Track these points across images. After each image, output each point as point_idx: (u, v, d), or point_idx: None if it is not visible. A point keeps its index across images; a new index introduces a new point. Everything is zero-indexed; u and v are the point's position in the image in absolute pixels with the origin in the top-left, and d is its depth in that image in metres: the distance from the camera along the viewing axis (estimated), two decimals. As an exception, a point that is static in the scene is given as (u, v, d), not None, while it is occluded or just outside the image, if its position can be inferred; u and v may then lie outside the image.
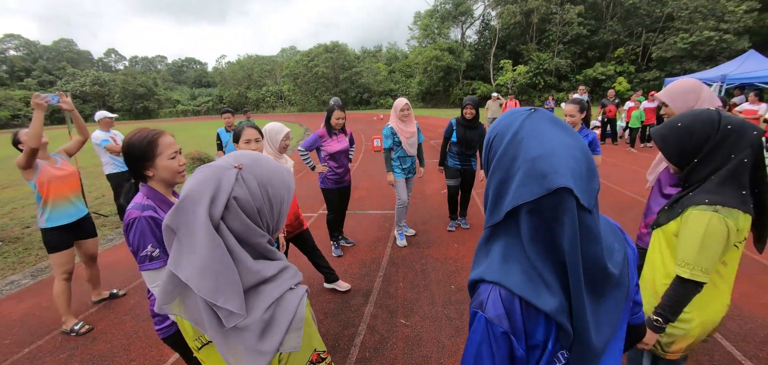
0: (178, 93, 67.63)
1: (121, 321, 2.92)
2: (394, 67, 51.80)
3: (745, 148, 1.16)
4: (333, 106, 3.44)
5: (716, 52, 27.86)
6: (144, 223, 1.30)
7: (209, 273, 0.67)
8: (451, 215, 4.46)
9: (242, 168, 0.74)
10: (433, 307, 2.88)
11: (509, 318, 0.64)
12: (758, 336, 2.43)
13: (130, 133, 1.42)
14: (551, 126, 0.67)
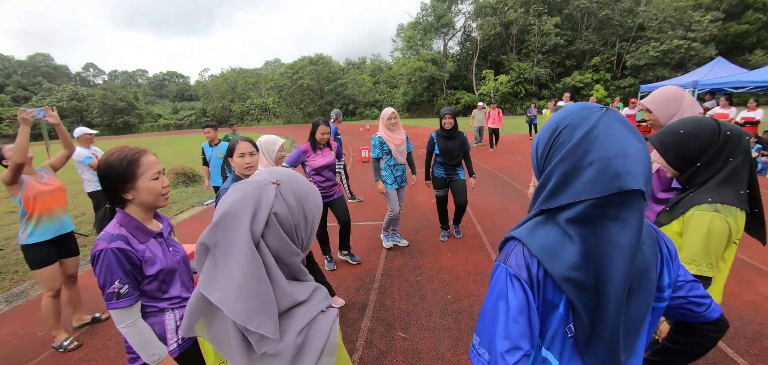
0: (160, 107, 66.23)
1: (104, 347, 2.79)
2: (379, 78, 52.21)
3: (741, 153, 1.25)
4: (318, 121, 3.41)
5: (686, 60, 29.41)
6: (111, 256, 1.18)
7: (245, 295, 0.63)
8: (442, 225, 4.48)
9: (280, 183, 0.72)
10: (430, 318, 2.86)
11: (528, 271, 0.72)
12: (748, 333, 2.51)
13: (107, 153, 1.29)
14: (624, 127, 0.70)
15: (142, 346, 1.24)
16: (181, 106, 67.38)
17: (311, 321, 0.70)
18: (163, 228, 1.42)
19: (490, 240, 4.37)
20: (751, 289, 3.06)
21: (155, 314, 1.33)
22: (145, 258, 1.28)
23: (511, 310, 0.71)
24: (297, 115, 50.27)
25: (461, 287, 3.31)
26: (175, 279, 1.39)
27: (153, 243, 1.33)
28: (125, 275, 1.21)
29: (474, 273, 3.55)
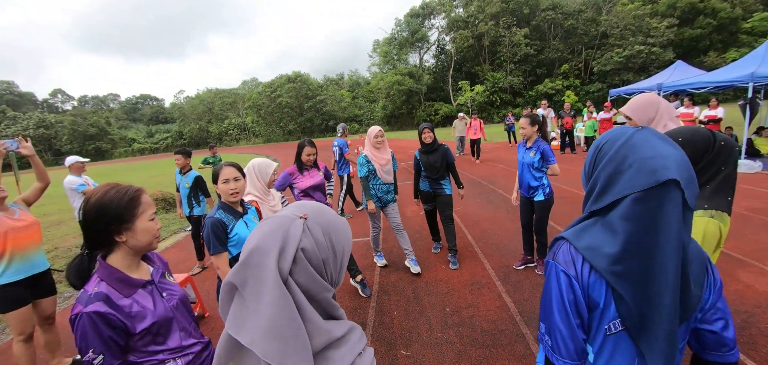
0: (134, 131, 63.89)
1: (89, 395, 2.60)
2: (358, 93, 52.60)
3: (732, 161, 1.36)
4: (303, 142, 3.36)
5: (647, 64, 31.38)
6: (85, 322, 1.06)
7: (277, 335, 0.60)
8: (434, 237, 4.48)
9: (307, 217, 0.69)
10: (431, 333, 2.84)
11: (574, 267, 0.84)
12: (736, 323, 2.54)
13: (100, 190, 1.17)
14: (660, 139, 0.78)
15: None
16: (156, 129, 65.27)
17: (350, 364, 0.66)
18: (153, 273, 1.30)
19: (482, 249, 4.41)
20: (734, 279, 3.21)
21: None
22: (133, 314, 1.14)
23: (563, 301, 0.84)
24: (277, 133, 49.76)
25: (459, 298, 3.31)
26: (172, 329, 1.26)
27: (141, 294, 1.20)
28: (101, 343, 1.07)
29: (470, 284, 3.57)
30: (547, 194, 3.43)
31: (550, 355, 0.89)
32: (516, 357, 2.48)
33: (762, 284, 3.09)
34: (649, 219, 0.75)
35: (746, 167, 7.26)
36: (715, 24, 32.59)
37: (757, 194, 5.67)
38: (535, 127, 3.41)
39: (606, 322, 0.82)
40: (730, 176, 1.41)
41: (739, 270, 3.35)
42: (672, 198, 0.74)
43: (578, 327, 0.85)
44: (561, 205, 5.98)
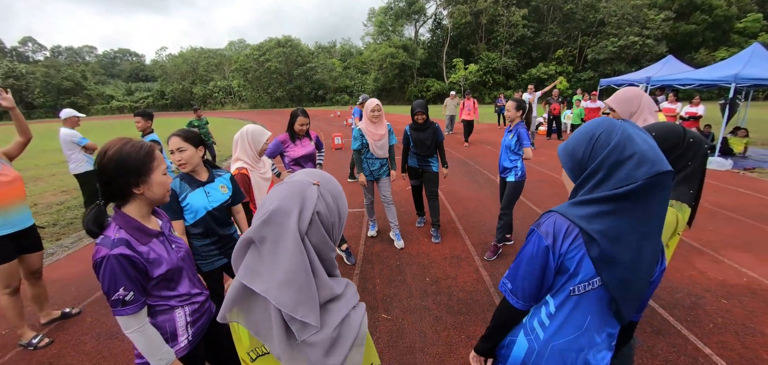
0: (112, 87, 61.11)
1: (80, 342, 2.69)
2: (350, 63, 51.47)
3: (699, 157, 1.49)
4: (296, 111, 3.35)
5: (640, 56, 31.63)
6: (114, 263, 1.14)
7: (292, 287, 0.69)
8: (418, 212, 4.63)
9: (320, 184, 0.77)
10: (411, 300, 3.02)
11: (554, 237, 0.97)
12: (686, 304, 2.89)
13: (115, 143, 1.21)
14: (640, 130, 0.94)
15: (150, 351, 1.23)
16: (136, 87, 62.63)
17: (345, 316, 0.76)
18: (162, 226, 1.39)
19: (464, 226, 4.60)
20: (690, 266, 3.49)
21: (165, 312, 1.32)
22: (150, 260, 1.24)
23: (536, 264, 1.00)
24: (264, 99, 48.55)
25: (439, 270, 3.50)
26: (182, 277, 1.37)
27: (155, 243, 1.29)
28: (130, 282, 1.17)
29: (450, 257, 3.76)
30: (518, 176, 3.54)
31: (510, 298, 1.08)
32: (487, 323, 2.68)
33: (714, 272, 3.38)
34: (644, 204, 0.89)
35: (717, 164, 7.60)
36: (710, 21, 32.92)
37: (723, 190, 6.01)
38: (520, 112, 3.51)
39: (572, 285, 0.98)
40: (695, 171, 1.54)
41: (696, 258, 3.64)
42: (666, 186, 0.88)
43: (539, 287, 1.02)
44: (543, 188, 6.21)
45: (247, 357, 0.85)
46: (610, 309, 1.02)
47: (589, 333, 1.02)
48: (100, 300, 3.24)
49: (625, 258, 0.92)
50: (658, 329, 2.60)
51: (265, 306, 0.73)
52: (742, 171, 7.33)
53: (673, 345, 2.44)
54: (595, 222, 0.92)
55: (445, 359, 2.39)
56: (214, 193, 2.03)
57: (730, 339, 2.50)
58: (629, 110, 1.94)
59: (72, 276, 3.70)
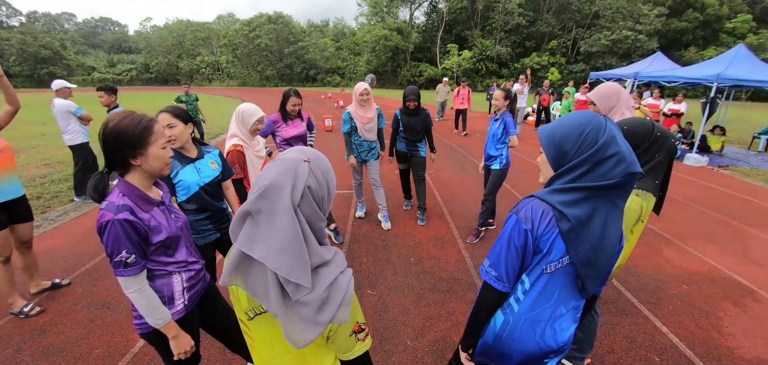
0: (93, 58, 58.67)
1: (71, 311, 2.75)
2: (342, 43, 50.55)
3: (664, 151, 1.63)
4: (289, 92, 3.37)
5: (631, 50, 31.91)
6: (118, 227, 1.21)
7: (287, 253, 0.77)
8: (405, 195, 4.74)
9: (310, 161, 0.85)
10: (396, 278, 3.16)
11: (532, 222, 1.08)
12: (650, 287, 3.11)
13: (116, 116, 1.27)
14: (619, 132, 1.05)
15: (148, 311, 1.31)
16: (118, 58, 60.22)
17: (334, 279, 0.85)
18: (163, 196, 1.46)
19: (449, 210, 4.75)
20: (657, 253, 3.72)
21: (163, 276, 1.40)
22: (151, 227, 1.31)
23: (515, 246, 1.10)
24: (253, 77, 47.49)
25: (423, 251, 3.65)
26: (180, 245, 1.45)
27: (156, 211, 1.36)
28: (132, 245, 1.24)
29: (434, 239, 3.91)
30: (503, 165, 3.67)
31: (493, 283, 1.16)
32: (467, 301, 2.87)
33: (679, 260, 3.61)
34: (613, 196, 1.04)
35: (694, 161, 7.92)
36: (702, 19, 33.25)
37: (696, 185, 6.31)
38: (507, 101, 3.61)
39: (545, 264, 1.10)
40: (661, 163, 1.68)
41: (664, 247, 3.87)
42: (632, 184, 1.03)
43: (520, 266, 1.13)
44: (526, 178, 6.40)
45: (245, 317, 0.96)
46: (576, 284, 1.15)
47: (557, 305, 1.16)
48: (90, 272, 3.29)
49: (593, 240, 1.05)
50: (623, 309, 2.81)
51: (262, 271, 0.83)
52: (717, 168, 7.66)
53: (635, 324, 2.65)
54: (572, 208, 1.04)
55: (426, 331, 2.55)
56: (205, 169, 2.07)
57: (686, 321, 2.72)
58: (609, 105, 2.06)
59: (60, 248, 3.72)
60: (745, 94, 28.52)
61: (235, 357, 2.28)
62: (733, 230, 4.39)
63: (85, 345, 2.40)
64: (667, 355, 2.38)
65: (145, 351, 2.36)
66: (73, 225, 4.32)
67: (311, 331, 0.82)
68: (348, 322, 0.91)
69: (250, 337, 1.01)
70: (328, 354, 1.00)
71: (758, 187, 6.28)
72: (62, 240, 3.92)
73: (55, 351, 2.35)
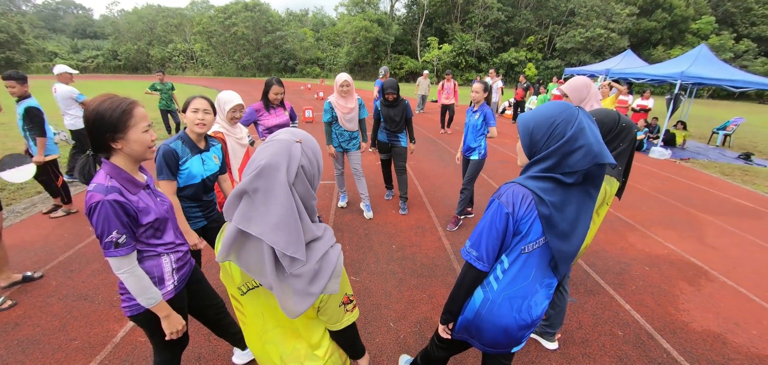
0: (55, 43, 54.88)
1: (46, 304, 2.67)
2: (322, 34, 49.71)
3: (628, 140, 1.78)
4: (271, 80, 3.36)
5: (604, 48, 33.16)
6: (108, 208, 1.21)
7: (283, 229, 0.82)
8: (387, 185, 4.82)
9: (302, 142, 0.89)
10: (378, 264, 3.25)
11: (513, 205, 1.15)
12: (615, 270, 3.34)
13: (96, 100, 1.25)
14: (592, 122, 1.12)
15: (139, 291, 1.32)
16: (83, 44, 56.53)
17: (325, 253, 0.91)
18: (148, 180, 1.45)
19: (430, 200, 4.87)
20: (622, 239, 3.98)
21: (153, 257, 1.41)
22: (140, 208, 1.32)
23: (497, 228, 1.18)
24: (229, 67, 45.91)
25: (404, 239, 3.75)
26: (167, 227, 1.46)
27: (143, 193, 1.37)
28: (122, 226, 1.24)
29: (415, 227, 4.01)
30: (481, 155, 3.80)
31: (474, 262, 1.24)
32: (447, 285, 2.99)
33: (641, 245, 3.89)
34: (584, 185, 1.13)
35: (658, 154, 8.41)
36: (669, 19, 34.87)
37: (660, 177, 6.73)
38: (486, 93, 3.74)
39: (523, 244, 1.19)
40: (625, 151, 1.84)
41: (628, 233, 4.15)
42: (601, 175, 1.12)
43: (500, 247, 1.22)
44: (503, 168, 6.62)
45: (238, 292, 1.00)
46: (550, 265, 1.26)
47: (533, 283, 1.26)
48: (64, 264, 3.19)
49: (565, 225, 1.15)
50: (590, 290, 3.02)
51: (256, 246, 0.87)
52: (679, 160, 8.17)
53: (601, 303, 2.86)
54: (548, 194, 1.13)
55: (408, 313, 2.65)
56: (209, 163, 2.09)
57: (647, 299, 2.95)
58: (580, 97, 2.20)
59: (29, 241, 3.57)
60: (707, 92, 30.30)
61: (221, 341, 2.30)
62: (691, 217, 4.74)
63: (62, 337, 2.35)
64: (629, 329, 2.59)
65: (127, 340, 2.34)
66: (39, 218, 4.14)
67: (304, 302, 0.88)
68: (338, 293, 0.97)
69: (243, 313, 1.05)
70: (319, 326, 1.06)
71: (715, 179, 6.77)
72: (31, 232, 3.76)
73: (31, 344, 2.29)
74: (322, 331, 1.07)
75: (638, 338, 2.51)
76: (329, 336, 1.10)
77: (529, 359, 2.28)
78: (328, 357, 1.09)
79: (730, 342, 2.53)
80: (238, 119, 2.63)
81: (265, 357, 1.08)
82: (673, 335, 2.57)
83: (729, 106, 24.75)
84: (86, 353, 2.23)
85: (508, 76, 34.65)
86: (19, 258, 3.23)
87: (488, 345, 1.35)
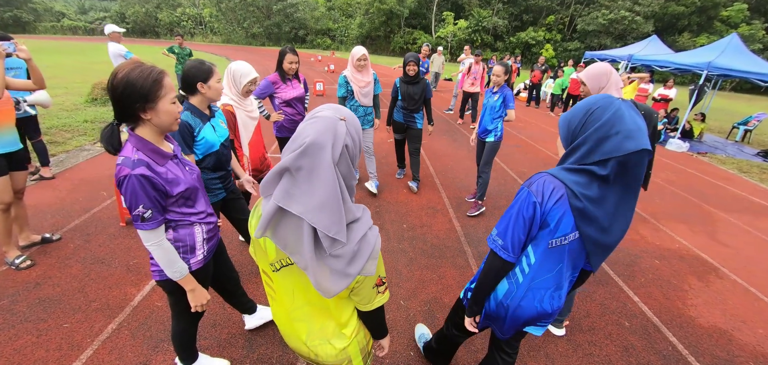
0: (62, 4, 54.41)
1: (65, 265, 2.76)
2: (334, 3, 48.40)
3: (650, 128, 1.71)
4: (284, 49, 3.25)
5: (627, 32, 31.70)
6: (135, 182, 1.21)
7: (327, 209, 0.80)
8: (399, 164, 4.78)
9: (346, 120, 0.87)
10: (389, 243, 3.27)
11: (542, 197, 1.13)
12: (625, 262, 3.33)
13: (125, 67, 1.20)
14: (634, 112, 1.07)
15: (166, 263, 1.35)
16: (90, 5, 55.96)
17: (364, 235, 0.90)
18: (175, 149, 1.45)
19: (441, 181, 4.85)
20: (635, 232, 3.95)
21: (186, 226, 1.44)
22: (169, 179, 1.31)
23: (525, 218, 1.16)
24: (238, 34, 45.16)
25: (415, 218, 3.76)
26: (199, 196, 1.47)
27: (171, 164, 1.36)
28: (149, 200, 1.25)
29: (426, 207, 4.02)
30: (497, 137, 3.73)
31: (499, 251, 1.23)
32: (456, 266, 3.02)
33: (653, 237, 3.85)
34: (624, 175, 1.07)
35: (676, 146, 8.20)
36: (699, 5, 33.05)
37: (676, 170, 6.59)
38: (507, 76, 3.63)
39: (550, 238, 1.16)
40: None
41: (640, 226, 4.11)
42: (643, 162, 1.05)
43: (526, 237, 1.19)
44: (517, 153, 6.54)
45: (270, 269, 1.00)
46: (579, 258, 1.23)
47: (557, 277, 1.24)
48: (80, 228, 3.26)
49: (603, 220, 1.11)
50: (600, 280, 3.02)
51: (295, 225, 0.86)
52: (696, 154, 7.98)
53: (609, 293, 2.87)
54: (583, 187, 1.09)
55: (418, 292, 2.69)
56: (219, 128, 2.06)
57: (655, 291, 2.95)
58: (599, 85, 2.11)
59: (46, 203, 3.65)
60: (730, 85, 29.16)
61: (235, 311, 2.37)
62: (704, 213, 4.66)
63: (82, 298, 2.43)
64: (636, 321, 2.60)
65: (145, 304, 2.42)
66: (59, 180, 4.21)
67: (341, 282, 0.88)
68: (373, 275, 0.96)
69: (272, 289, 1.06)
70: (349, 305, 1.06)
71: (732, 175, 6.62)
72: (47, 195, 3.83)
73: (52, 303, 2.38)
74: (351, 310, 1.08)
75: (645, 329, 2.52)
76: (356, 316, 1.11)
77: (537, 344, 2.32)
78: (354, 336, 1.10)
79: (736, 339, 2.54)
80: (250, 93, 2.58)
81: (293, 333, 1.09)
82: (679, 328, 2.58)
83: (751, 100, 23.91)
84: (106, 314, 2.31)
85: (525, 56, 33.63)
86: (36, 220, 3.31)
87: (507, 332, 1.36)
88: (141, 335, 2.17)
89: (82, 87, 9.10)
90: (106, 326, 2.22)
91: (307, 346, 1.08)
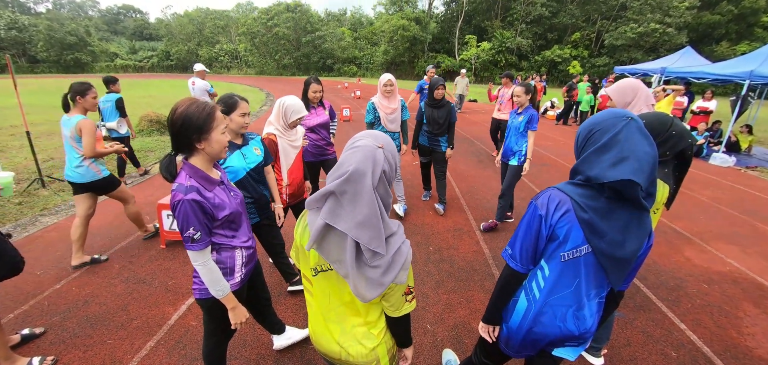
0: (116, 45, 60.01)
1: (110, 284, 2.95)
2: (360, 33, 50.20)
3: (677, 149, 1.64)
4: (309, 79, 3.40)
5: (659, 44, 30.44)
6: (187, 207, 1.33)
7: (368, 226, 0.94)
8: (425, 186, 4.79)
9: (384, 147, 1.00)
10: (415, 266, 3.25)
11: (547, 208, 1.16)
12: (669, 285, 3.11)
13: (182, 104, 1.36)
14: (641, 135, 1.03)
15: (211, 282, 1.45)
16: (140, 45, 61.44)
17: (398, 248, 1.02)
18: (222, 176, 1.57)
19: (467, 202, 4.79)
20: (678, 253, 3.69)
21: (229, 250, 1.55)
22: (216, 204, 1.43)
23: (531, 229, 1.19)
24: (270, 66, 47.82)
25: (442, 241, 3.72)
26: (242, 221, 1.59)
27: (218, 189, 1.48)
28: (198, 223, 1.36)
29: (453, 230, 3.97)
30: (520, 161, 3.66)
31: (510, 262, 1.27)
32: (485, 290, 2.94)
33: (699, 259, 3.57)
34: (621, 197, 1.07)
35: (720, 160, 7.65)
36: (736, 12, 31.41)
37: (721, 186, 6.13)
38: (529, 95, 3.59)
39: (562, 251, 1.16)
40: (671, 160, 1.70)
41: (685, 246, 3.83)
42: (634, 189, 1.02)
43: (535, 250, 1.21)
44: (544, 172, 6.36)
45: (310, 273, 1.14)
46: (599, 274, 1.19)
47: (578, 293, 1.21)
48: (126, 249, 3.50)
49: (614, 233, 1.09)
50: (641, 305, 2.83)
51: (339, 239, 0.98)
52: (744, 168, 7.40)
53: (652, 320, 2.67)
54: (589, 199, 1.10)
55: (445, 316, 2.64)
56: (250, 155, 2.20)
57: (705, 319, 2.72)
58: (625, 100, 2.07)
59: (96, 226, 3.94)
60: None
61: (264, 331, 2.42)
62: (758, 232, 4.28)
63: (124, 316, 2.59)
64: (684, 351, 2.40)
65: (180, 323, 2.53)
66: (108, 204, 4.55)
67: (375, 289, 0.99)
68: (404, 284, 1.07)
69: (311, 293, 1.20)
70: (377, 308, 1.16)
71: (788, 190, 6.06)
72: (98, 218, 4.14)
73: (98, 321, 2.54)
74: (380, 312, 1.18)
75: (695, 361, 2.32)
76: (384, 319, 1.19)
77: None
78: (383, 336, 1.19)
79: (806, 374, 2.27)
80: (297, 124, 2.72)
81: (327, 334, 1.19)
82: (735, 360, 2.35)
83: (808, 108, 21.97)
84: (145, 332, 2.44)
85: (551, 74, 33.06)
86: (87, 242, 3.58)
87: (534, 352, 1.34)
88: (176, 353, 2.27)
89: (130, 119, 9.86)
90: (145, 343, 2.34)
91: (339, 345, 1.17)
